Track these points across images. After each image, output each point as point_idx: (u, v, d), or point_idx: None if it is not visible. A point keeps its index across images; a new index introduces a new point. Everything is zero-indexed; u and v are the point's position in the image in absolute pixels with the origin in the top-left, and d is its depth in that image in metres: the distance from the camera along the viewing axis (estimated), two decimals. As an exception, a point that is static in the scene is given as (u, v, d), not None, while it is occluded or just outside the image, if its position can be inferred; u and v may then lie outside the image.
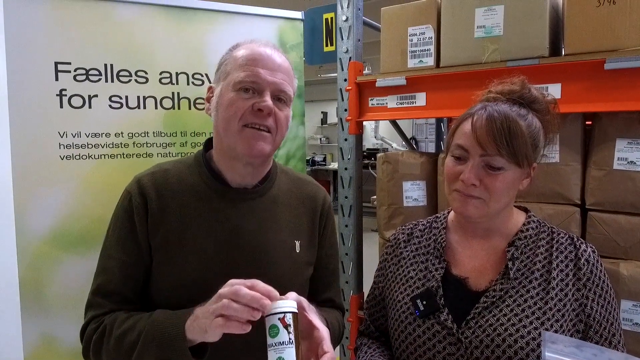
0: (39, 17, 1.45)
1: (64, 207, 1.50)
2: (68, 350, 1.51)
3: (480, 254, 1.00)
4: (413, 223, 1.14)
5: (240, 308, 0.76)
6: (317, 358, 0.81)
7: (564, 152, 1.36)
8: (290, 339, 0.75)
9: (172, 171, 1.03)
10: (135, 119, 1.60)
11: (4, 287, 2.00)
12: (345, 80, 1.77)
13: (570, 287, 0.92)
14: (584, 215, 1.37)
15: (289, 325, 0.76)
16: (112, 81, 1.56)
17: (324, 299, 1.14)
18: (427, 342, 0.94)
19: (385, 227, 1.74)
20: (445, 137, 2.85)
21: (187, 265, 0.96)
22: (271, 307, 0.77)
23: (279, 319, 0.76)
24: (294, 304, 0.79)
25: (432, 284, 0.98)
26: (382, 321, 1.12)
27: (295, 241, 1.06)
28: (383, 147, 8.06)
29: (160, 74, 1.63)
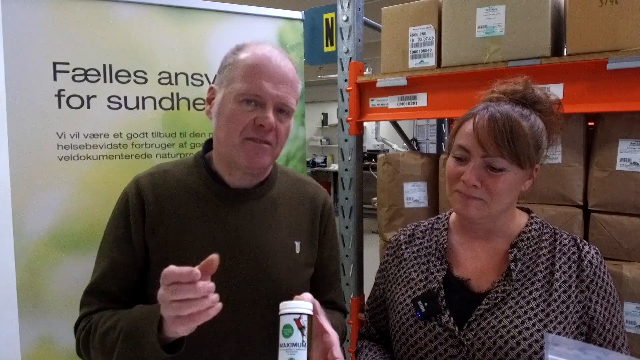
0: (37, 17, 1.45)
1: (62, 208, 1.50)
2: (65, 352, 1.50)
3: (482, 255, 0.98)
4: (414, 224, 1.13)
5: (180, 289, 0.72)
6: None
7: (567, 153, 1.35)
8: (303, 342, 0.74)
9: (171, 172, 1.03)
10: (134, 119, 1.59)
11: (1, 288, 1.98)
12: (346, 80, 1.76)
13: (573, 289, 0.91)
14: (587, 217, 1.36)
15: (304, 328, 0.75)
16: (111, 81, 1.55)
17: (326, 301, 1.13)
18: (429, 344, 0.92)
19: (386, 228, 1.73)
20: (446, 138, 2.85)
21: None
22: (286, 306, 0.76)
23: (295, 319, 0.75)
24: (310, 306, 0.78)
25: (434, 286, 0.97)
26: (383, 323, 1.11)
27: (295, 242, 1.05)
28: (384, 148, 8.05)
29: (159, 75, 1.63)
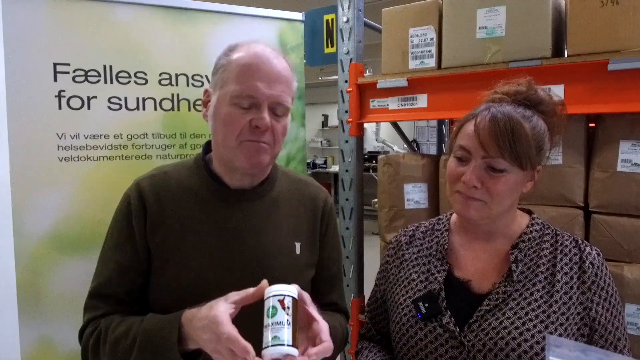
0: (37, 18, 1.45)
1: (62, 209, 1.49)
2: (66, 353, 1.49)
3: (483, 256, 0.98)
4: (415, 225, 1.13)
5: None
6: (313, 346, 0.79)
7: (568, 154, 1.35)
8: (287, 321, 0.74)
9: (172, 174, 1.03)
10: (134, 120, 1.59)
11: (1, 288, 1.98)
12: (346, 81, 1.76)
13: (575, 290, 0.91)
14: (588, 218, 1.36)
15: (288, 308, 0.75)
16: (111, 82, 1.55)
17: (327, 302, 1.13)
18: (429, 345, 0.92)
19: (386, 229, 1.73)
20: (446, 139, 2.85)
21: (186, 267, 0.95)
22: (270, 290, 0.76)
23: (279, 300, 0.75)
24: (294, 289, 0.78)
25: (435, 287, 0.97)
26: (384, 324, 1.11)
27: (296, 243, 1.05)
28: (384, 149, 8.04)
29: (159, 75, 1.62)
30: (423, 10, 1.58)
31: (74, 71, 1.50)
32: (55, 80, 1.48)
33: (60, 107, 1.49)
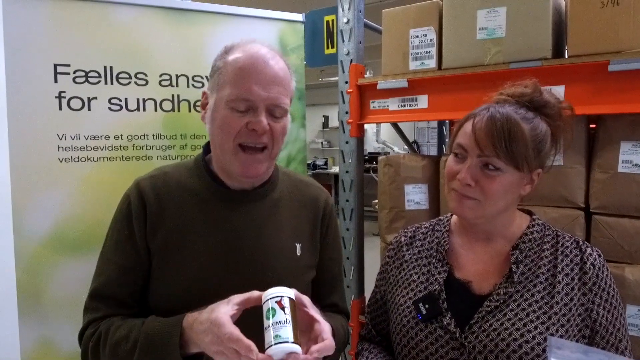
0: (38, 19, 1.45)
1: (62, 210, 1.49)
2: (65, 354, 1.49)
3: (484, 257, 0.98)
4: (416, 226, 1.13)
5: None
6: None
7: (568, 155, 1.35)
8: (287, 319, 0.74)
9: (172, 174, 1.02)
10: (134, 121, 1.59)
11: (1, 290, 1.98)
12: (347, 82, 1.76)
13: (576, 291, 0.90)
14: (588, 219, 1.36)
15: (285, 307, 0.75)
16: (112, 83, 1.55)
17: (328, 304, 1.12)
18: (430, 346, 0.92)
19: (387, 230, 1.73)
20: (447, 140, 2.84)
21: (186, 268, 0.95)
22: (267, 294, 0.77)
23: (276, 302, 0.76)
24: (291, 291, 0.79)
25: (435, 288, 0.96)
26: (384, 325, 1.11)
27: (296, 244, 1.05)
28: (385, 151, 8.05)
29: (160, 76, 1.63)
30: (423, 11, 1.58)
31: (74, 72, 1.50)
32: (55, 81, 1.48)
33: (60, 108, 1.49)
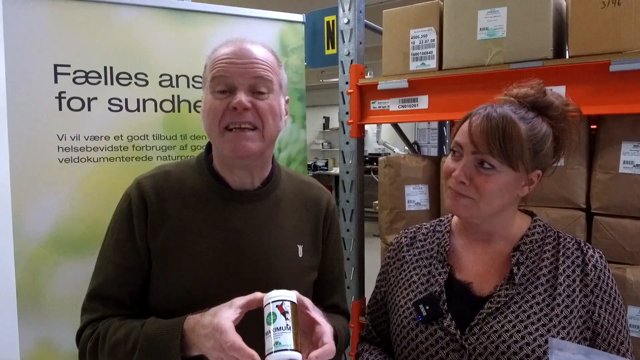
0: (38, 19, 1.44)
1: (62, 211, 1.49)
2: (65, 355, 1.49)
3: (485, 258, 0.97)
4: (416, 226, 1.12)
5: None
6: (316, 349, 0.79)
7: (569, 156, 1.34)
8: (287, 325, 0.73)
9: (173, 173, 1.01)
10: (134, 121, 1.58)
11: (1, 290, 1.98)
12: (347, 83, 1.76)
13: (577, 293, 0.90)
14: (590, 220, 1.35)
15: (287, 312, 0.75)
16: (112, 84, 1.55)
17: (329, 305, 1.12)
18: (430, 348, 0.91)
19: (387, 231, 1.72)
20: (447, 141, 2.84)
21: (187, 269, 0.94)
22: (268, 297, 0.76)
23: (277, 306, 0.75)
24: (293, 294, 0.78)
25: (435, 289, 0.96)
26: (384, 326, 1.10)
27: (298, 245, 1.04)
28: (385, 151, 8.05)
29: (160, 77, 1.62)
30: (424, 11, 1.58)
31: (74, 72, 1.50)
32: (55, 81, 1.48)
33: (60, 109, 1.48)
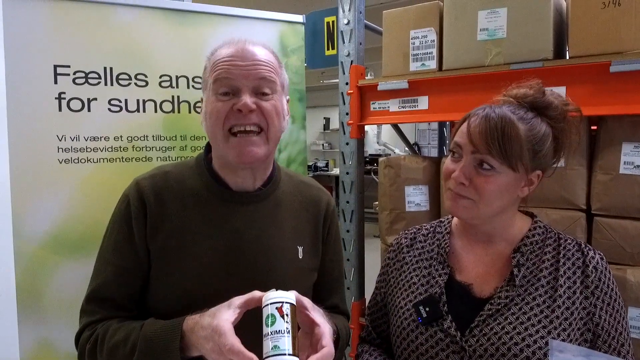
0: (38, 20, 1.44)
1: (62, 211, 1.49)
2: (65, 355, 1.48)
3: (485, 259, 0.97)
4: (416, 227, 1.12)
5: None
6: (315, 352, 0.78)
7: (570, 157, 1.34)
8: (287, 328, 0.73)
9: (173, 174, 1.01)
10: (134, 122, 1.58)
11: (1, 291, 1.98)
12: (347, 83, 1.76)
13: (578, 294, 0.90)
14: (590, 221, 1.35)
15: (286, 315, 0.74)
16: (112, 84, 1.55)
17: (329, 306, 1.11)
18: (430, 350, 0.91)
19: (387, 232, 1.72)
20: (447, 142, 2.84)
21: (187, 270, 0.94)
22: (268, 298, 0.76)
23: (277, 308, 0.74)
24: (292, 295, 0.77)
25: (435, 290, 0.96)
26: (384, 328, 1.10)
27: (298, 247, 1.04)
28: (385, 152, 8.05)
29: (160, 78, 1.62)
30: (424, 12, 1.58)
31: (74, 73, 1.49)
32: (55, 82, 1.47)
33: (60, 109, 1.48)
